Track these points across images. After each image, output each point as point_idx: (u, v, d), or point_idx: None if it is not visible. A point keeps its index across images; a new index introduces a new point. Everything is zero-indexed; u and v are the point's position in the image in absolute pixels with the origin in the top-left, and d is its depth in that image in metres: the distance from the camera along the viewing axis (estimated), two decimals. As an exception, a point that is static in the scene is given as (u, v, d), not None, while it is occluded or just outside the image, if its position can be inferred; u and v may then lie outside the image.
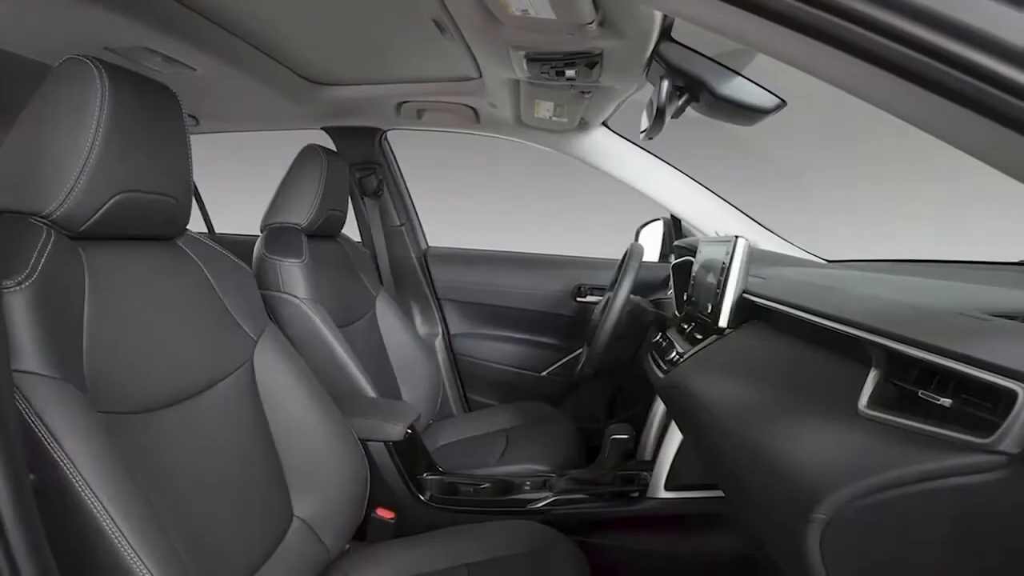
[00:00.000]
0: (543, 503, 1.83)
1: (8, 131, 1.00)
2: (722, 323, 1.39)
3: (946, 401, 0.71)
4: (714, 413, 1.17)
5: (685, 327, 1.62)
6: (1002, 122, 0.51)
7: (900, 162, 3.77)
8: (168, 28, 1.47)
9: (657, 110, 1.39)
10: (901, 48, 0.52)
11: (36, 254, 0.92)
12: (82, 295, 1.00)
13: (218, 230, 3.19)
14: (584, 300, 2.69)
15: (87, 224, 1.02)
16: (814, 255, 2.09)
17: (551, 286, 2.73)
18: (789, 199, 4.07)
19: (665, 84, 1.35)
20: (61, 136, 0.99)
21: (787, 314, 1.14)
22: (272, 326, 1.42)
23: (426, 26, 1.48)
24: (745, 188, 2.37)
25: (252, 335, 1.35)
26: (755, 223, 2.16)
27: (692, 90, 1.32)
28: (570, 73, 1.53)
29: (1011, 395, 0.62)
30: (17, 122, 1.00)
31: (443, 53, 1.71)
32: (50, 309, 0.90)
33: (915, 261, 1.80)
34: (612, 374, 2.61)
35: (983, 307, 0.87)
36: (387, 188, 2.74)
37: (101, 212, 1.03)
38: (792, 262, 1.98)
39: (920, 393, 0.74)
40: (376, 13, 1.50)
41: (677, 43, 1.31)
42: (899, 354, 0.78)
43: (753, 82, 1.26)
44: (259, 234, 2.03)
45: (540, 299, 2.75)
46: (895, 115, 0.63)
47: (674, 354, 1.53)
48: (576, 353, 2.71)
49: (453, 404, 2.81)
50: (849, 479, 0.73)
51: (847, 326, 0.91)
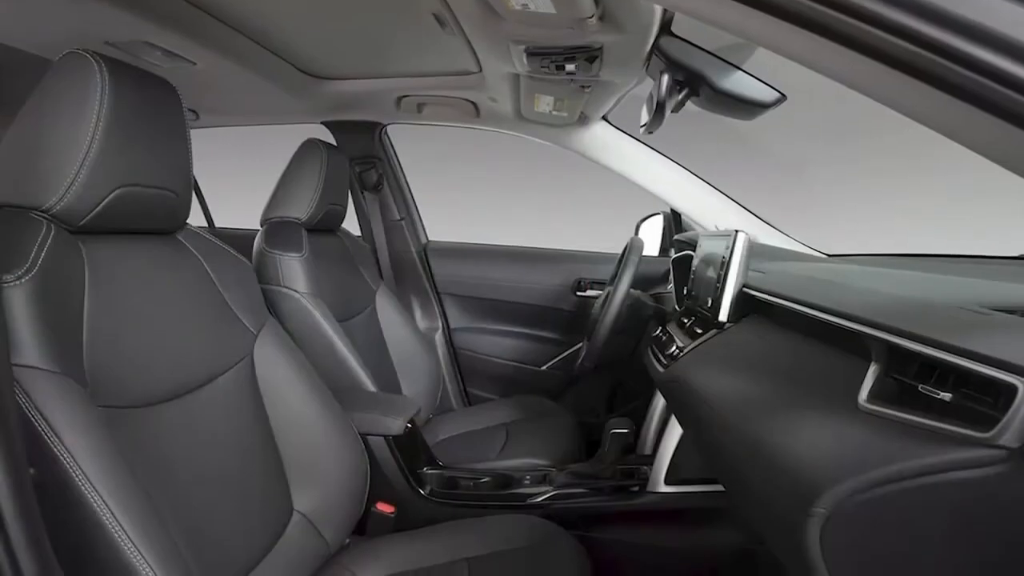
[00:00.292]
0: (543, 497, 1.83)
1: (8, 125, 1.00)
2: (722, 317, 1.39)
3: (946, 395, 0.70)
4: (714, 407, 1.17)
5: (685, 321, 1.62)
6: (1004, 117, 0.51)
7: (900, 157, 3.77)
8: (168, 22, 1.47)
9: (657, 104, 1.39)
10: (903, 43, 0.52)
11: (36, 248, 0.92)
12: (82, 289, 0.99)
13: (218, 224, 3.20)
14: (584, 294, 2.69)
15: (87, 218, 1.02)
16: (814, 249, 2.08)
17: (551, 280, 2.73)
18: (789, 193, 4.07)
19: (665, 78, 1.35)
20: (61, 130, 0.98)
21: (787, 308, 1.14)
22: (272, 320, 1.42)
23: (426, 20, 1.48)
24: (745, 182, 2.37)
25: (252, 329, 1.35)
26: (755, 217, 2.16)
27: (692, 84, 1.32)
28: (570, 67, 1.54)
29: (1011, 389, 0.62)
30: (17, 116, 1.00)
31: (443, 47, 1.70)
32: (50, 303, 0.90)
33: (915, 255, 1.79)
34: (612, 368, 2.60)
35: (983, 301, 0.87)
36: (387, 182, 2.74)
37: (101, 206, 1.02)
38: (792, 256, 1.98)
39: (920, 387, 0.74)
40: (376, 7, 1.50)
41: (677, 37, 1.31)
42: (899, 348, 0.78)
43: (753, 76, 1.26)
44: (259, 228, 2.03)
45: (540, 293, 2.75)
46: (897, 110, 0.63)
47: (674, 348, 1.53)
48: (576, 347, 2.71)
49: (453, 398, 2.81)
50: (849, 473, 0.73)
51: (847, 320, 0.91)
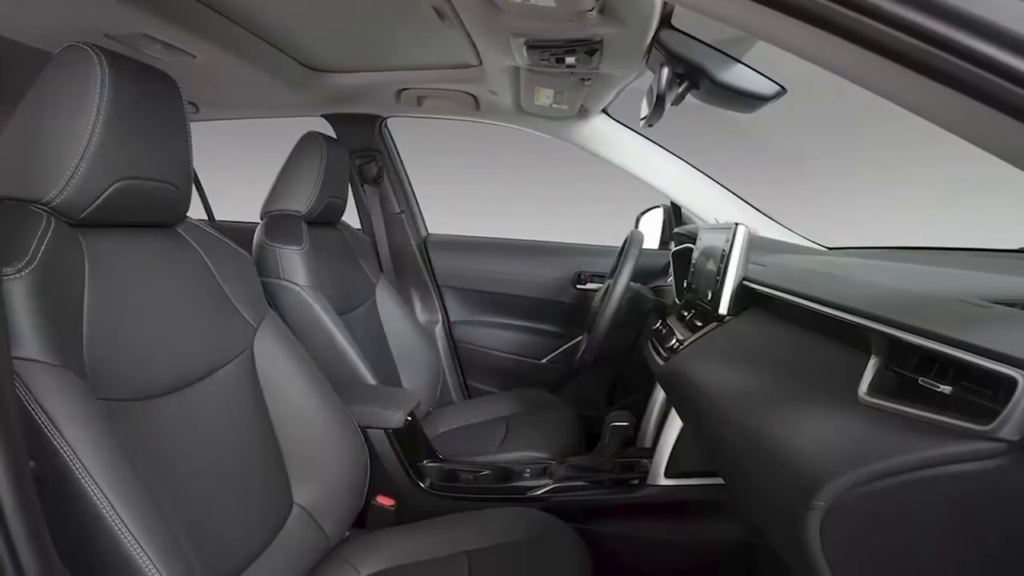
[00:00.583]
0: (543, 490, 1.83)
1: (8, 118, 1.00)
2: (722, 310, 1.39)
3: (946, 388, 0.70)
4: (714, 400, 1.17)
5: (685, 314, 1.62)
6: (1004, 110, 0.51)
7: (900, 150, 3.76)
8: (168, 15, 1.47)
9: (657, 97, 1.39)
10: (903, 36, 0.52)
11: (36, 241, 0.92)
12: (82, 282, 0.99)
13: (218, 217, 3.19)
14: (584, 287, 2.69)
15: (87, 211, 1.02)
16: (814, 242, 2.08)
17: (551, 273, 2.73)
18: (789, 186, 4.06)
19: (665, 71, 1.35)
20: (61, 123, 0.98)
21: (787, 301, 1.14)
22: (272, 313, 1.42)
23: (426, 13, 1.47)
24: (745, 175, 2.36)
25: (252, 322, 1.35)
26: (755, 210, 2.16)
27: (692, 77, 1.32)
28: (570, 60, 1.53)
29: (1011, 382, 0.62)
30: (17, 109, 1.00)
31: (443, 40, 1.70)
32: (50, 296, 0.90)
33: (915, 248, 1.79)
34: (612, 361, 2.61)
35: (983, 294, 0.87)
36: (387, 175, 2.74)
37: (101, 199, 1.02)
38: (792, 249, 1.97)
39: (920, 380, 0.74)
40: (376, 0, 1.49)
41: (677, 30, 1.31)
42: (899, 341, 0.78)
43: (753, 69, 1.26)
44: (259, 221, 2.03)
45: (540, 286, 2.75)
46: (897, 103, 0.63)
47: (674, 341, 1.53)
48: (576, 340, 2.71)
49: (453, 391, 2.82)
50: (849, 466, 0.73)
51: (847, 313, 0.91)
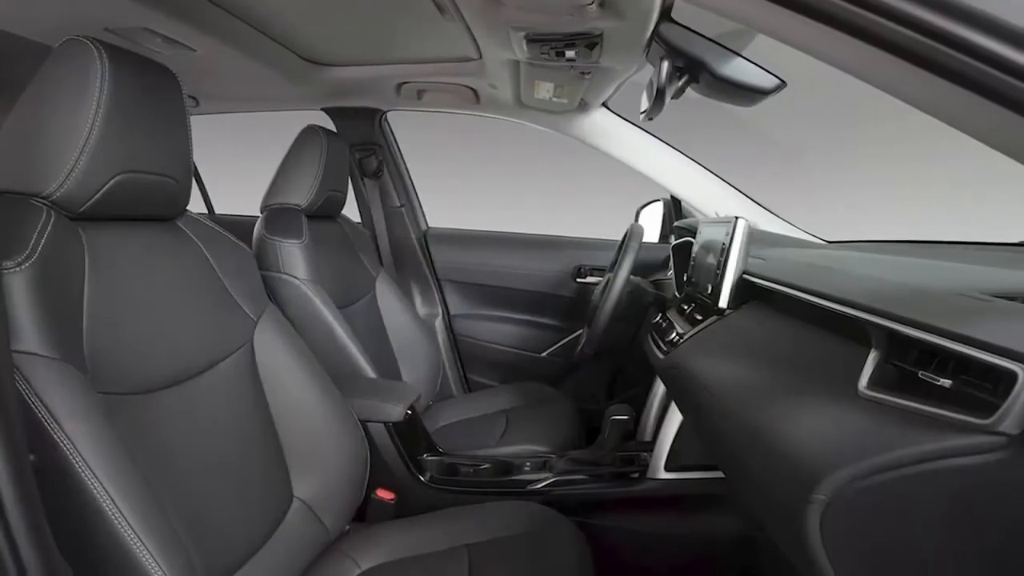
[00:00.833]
0: (543, 484, 1.83)
1: (8, 112, 1.00)
2: (722, 304, 1.39)
3: (946, 382, 0.70)
4: (714, 394, 1.17)
5: (685, 308, 1.62)
6: (1004, 104, 0.51)
7: (901, 143, 3.76)
8: (168, 9, 1.46)
9: (657, 91, 1.38)
10: (904, 30, 0.52)
11: (36, 235, 0.92)
12: (82, 276, 0.99)
13: (218, 211, 3.19)
14: (584, 281, 2.69)
15: (87, 205, 1.02)
16: (814, 236, 2.08)
17: (551, 267, 2.73)
18: (789, 180, 4.06)
19: (665, 65, 1.35)
20: (61, 117, 0.98)
21: (787, 295, 1.14)
22: (272, 307, 1.42)
23: (426, 7, 1.47)
24: (745, 169, 2.36)
25: (252, 316, 1.35)
26: (755, 204, 2.15)
27: (692, 71, 1.32)
28: (570, 54, 1.53)
29: (1011, 376, 0.62)
30: (17, 103, 1.00)
31: (443, 34, 1.70)
32: (50, 290, 0.90)
33: (915, 242, 1.79)
34: (612, 355, 2.61)
35: (983, 288, 0.87)
36: (387, 169, 2.74)
37: (101, 193, 1.02)
38: (792, 243, 1.97)
39: (920, 374, 0.74)
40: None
41: (677, 24, 1.31)
42: (899, 335, 0.78)
43: (753, 63, 1.26)
44: (259, 215, 2.03)
45: (540, 280, 2.75)
46: (898, 97, 0.63)
47: (674, 335, 1.53)
48: (576, 334, 2.72)
49: (453, 385, 2.82)
50: (849, 460, 0.73)
51: (847, 307, 0.91)
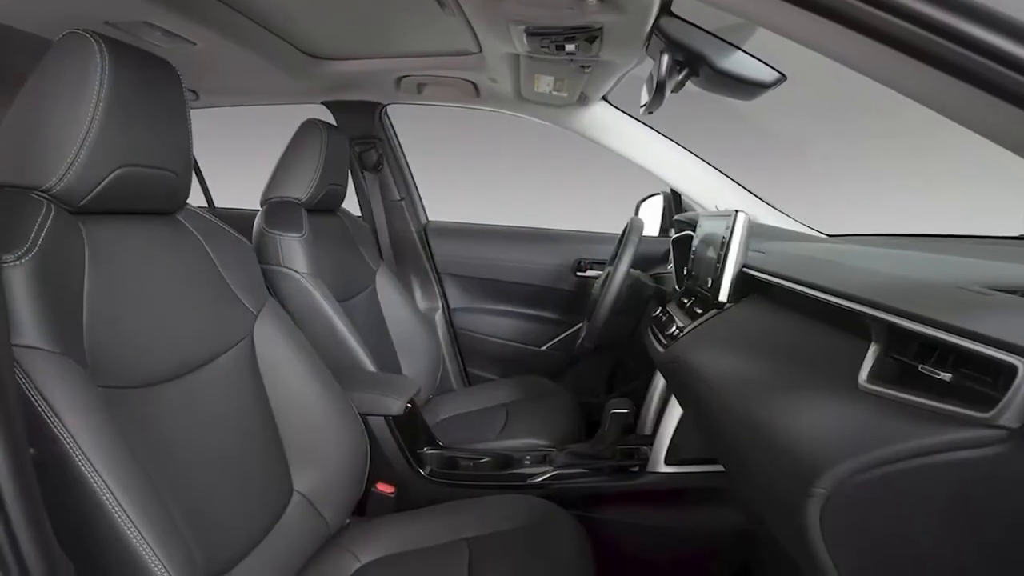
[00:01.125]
0: (543, 477, 1.84)
1: (8, 106, 1.00)
2: (722, 297, 1.39)
3: (946, 375, 0.70)
4: (714, 387, 1.17)
5: (685, 301, 1.62)
6: (1005, 98, 0.51)
7: (901, 137, 3.76)
8: (168, 3, 1.46)
9: (657, 84, 1.38)
10: (904, 24, 0.52)
11: (36, 228, 0.92)
12: (82, 269, 0.99)
13: (218, 204, 3.19)
14: (584, 274, 2.69)
15: (87, 198, 1.02)
16: (814, 229, 2.08)
17: (551, 260, 2.73)
18: (789, 173, 4.06)
19: (665, 58, 1.34)
20: (61, 111, 0.98)
21: (787, 288, 1.13)
22: (272, 300, 1.42)
23: (426, 1, 1.47)
24: (745, 162, 2.36)
25: (252, 309, 1.35)
26: (755, 197, 2.15)
27: (692, 64, 1.32)
28: (570, 47, 1.53)
29: (1011, 369, 0.62)
30: (17, 97, 1.00)
31: (443, 27, 1.70)
32: (50, 283, 0.90)
33: (915, 235, 1.79)
34: (612, 348, 2.61)
35: (983, 281, 0.87)
36: (387, 162, 2.73)
37: (101, 186, 1.02)
38: (792, 236, 1.97)
39: (920, 367, 0.74)
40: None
41: (677, 17, 1.30)
42: (899, 328, 0.78)
43: (753, 56, 1.26)
44: (259, 208, 2.03)
45: (540, 273, 2.75)
46: (899, 91, 0.63)
47: (674, 328, 1.53)
48: (576, 327, 2.72)
49: (453, 378, 2.82)
50: (849, 454, 0.73)
51: (847, 300, 0.91)
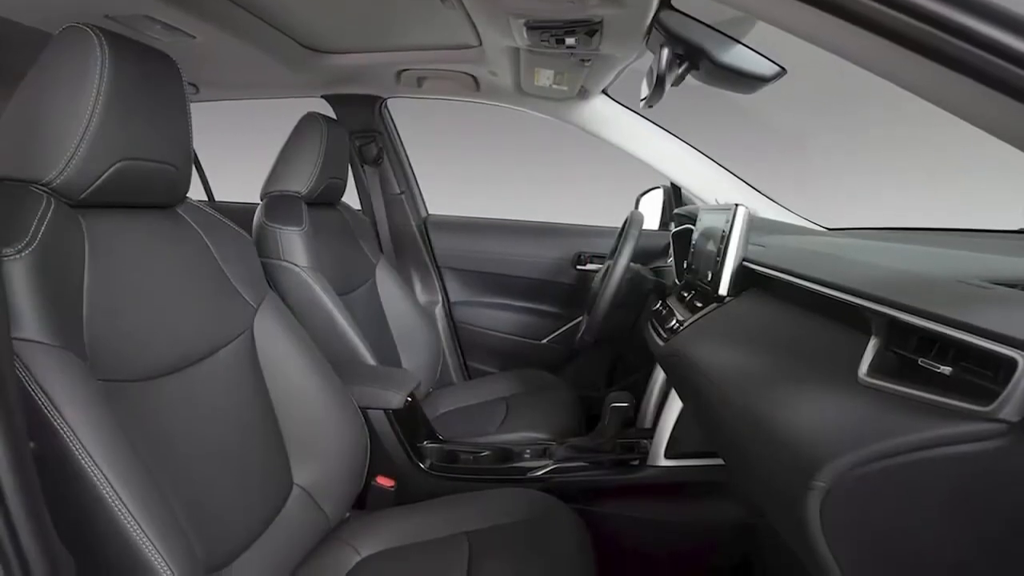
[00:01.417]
0: (543, 471, 1.84)
1: (8, 99, 0.99)
2: (722, 291, 1.39)
3: (946, 369, 0.70)
4: (714, 381, 1.17)
5: (685, 295, 1.62)
6: (1004, 91, 0.51)
7: (900, 130, 3.75)
8: None
9: (657, 78, 1.38)
10: (904, 17, 0.51)
11: (36, 222, 0.92)
12: (82, 263, 0.99)
13: (218, 198, 3.19)
14: (584, 268, 2.69)
15: (87, 192, 1.01)
16: (814, 223, 2.08)
17: (551, 254, 2.73)
18: (790, 167, 4.06)
19: (665, 52, 1.34)
20: (61, 104, 0.98)
21: (787, 282, 1.14)
22: (272, 294, 1.42)
23: (426, -6, 1.47)
24: (745, 156, 2.36)
25: (252, 303, 1.35)
26: (755, 191, 2.15)
27: (692, 58, 1.32)
28: (570, 41, 1.53)
29: (1011, 363, 0.62)
30: (17, 90, 0.99)
31: (443, 21, 1.69)
32: (50, 277, 0.90)
33: (915, 229, 1.79)
34: (612, 342, 2.61)
35: (983, 275, 0.86)
36: (387, 156, 2.73)
37: (101, 180, 1.02)
38: (792, 230, 1.97)
39: (920, 361, 0.74)
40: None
41: (677, 11, 1.30)
42: (899, 322, 0.78)
43: (753, 50, 1.26)
44: (259, 202, 2.03)
45: (540, 267, 2.75)
46: (898, 85, 0.63)
47: (674, 322, 1.53)
48: (576, 321, 2.72)
49: (453, 372, 2.82)
50: (849, 447, 0.73)
51: (847, 294, 0.91)
